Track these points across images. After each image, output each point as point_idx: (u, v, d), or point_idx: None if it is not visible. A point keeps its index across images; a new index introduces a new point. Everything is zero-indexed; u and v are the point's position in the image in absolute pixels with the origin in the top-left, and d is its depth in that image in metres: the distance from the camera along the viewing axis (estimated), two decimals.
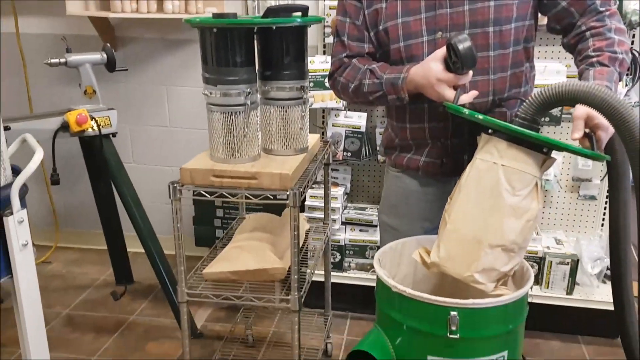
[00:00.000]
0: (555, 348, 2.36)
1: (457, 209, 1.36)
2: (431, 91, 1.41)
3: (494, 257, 1.32)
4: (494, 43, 1.46)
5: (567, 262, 2.30)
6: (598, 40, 1.41)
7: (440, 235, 1.39)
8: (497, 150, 1.32)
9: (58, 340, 2.35)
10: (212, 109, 1.54)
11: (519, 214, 1.31)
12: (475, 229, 1.32)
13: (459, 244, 1.34)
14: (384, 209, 1.77)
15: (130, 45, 2.86)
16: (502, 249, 1.31)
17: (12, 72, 2.87)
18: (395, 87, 1.47)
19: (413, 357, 1.35)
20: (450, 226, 1.36)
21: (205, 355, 2.26)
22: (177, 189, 1.54)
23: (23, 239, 1.33)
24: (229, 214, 2.67)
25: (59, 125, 2.17)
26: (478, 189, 1.34)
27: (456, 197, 1.38)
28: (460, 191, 1.37)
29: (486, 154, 1.34)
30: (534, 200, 1.32)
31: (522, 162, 1.30)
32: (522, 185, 1.30)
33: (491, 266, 1.32)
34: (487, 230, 1.31)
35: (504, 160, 1.31)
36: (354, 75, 1.54)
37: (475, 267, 1.31)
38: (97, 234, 2.83)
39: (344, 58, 1.57)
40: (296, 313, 1.61)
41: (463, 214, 1.35)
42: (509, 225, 1.31)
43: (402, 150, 1.65)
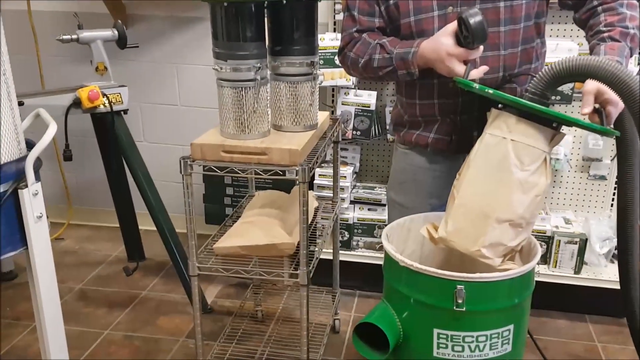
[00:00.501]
0: (562, 326, 2.37)
1: (465, 184, 1.37)
2: (441, 66, 1.41)
3: (502, 231, 1.32)
4: (505, 18, 1.45)
5: (575, 242, 2.30)
6: (609, 15, 1.41)
7: (448, 211, 1.40)
8: (507, 125, 1.32)
9: (72, 314, 2.40)
10: (222, 84, 1.55)
11: (527, 189, 1.31)
12: (484, 204, 1.33)
13: (466, 218, 1.35)
14: (392, 186, 1.78)
15: (141, 22, 2.86)
16: (509, 223, 1.32)
17: (25, 48, 2.89)
18: (405, 62, 1.47)
19: (419, 330, 1.37)
20: (458, 201, 1.37)
21: (216, 329, 2.30)
22: (188, 164, 1.56)
23: (38, 211, 1.36)
24: (239, 192, 2.69)
25: (71, 101, 2.19)
26: (487, 164, 1.34)
27: (465, 173, 1.38)
28: (469, 166, 1.37)
29: (495, 129, 1.34)
30: (543, 175, 1.33)
31: (532, 137, 1.30)
32: (531, 160, 1.31)
33: (498, 241, 1.33)
34: (495, 204, 1.32)
35: (513, 135, 1.31)
36: (364, 50, 1.54)
37: (483, 242, 1.32)
38: (109, 211, 2.87)
39: (354, 33, 1.57)
40: (305, 287, 1.63)
41: (471, 189, 1.35)
42: (517, 200, 1.31)
43: (411, 127, 1.65)
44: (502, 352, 1.35)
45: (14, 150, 1.33)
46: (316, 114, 1.72)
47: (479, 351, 1.33)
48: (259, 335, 2.18)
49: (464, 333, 1.32)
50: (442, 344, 1.33)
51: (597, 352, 2.23)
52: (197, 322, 1.74)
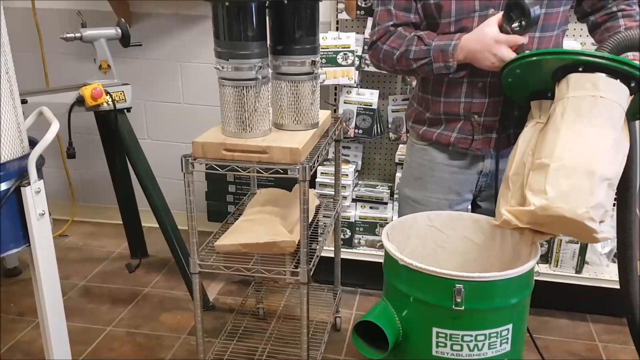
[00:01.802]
0: (563, 326, 2.38)
1: (560, 145, 1.26)
2: (487, 55, 1.41)
3: (604, 192, 1.22)
4: (542, 25, 1.47)
5: (576, 241, 2.30)
6: (629, 21, 1.43)
7: (536, 180, 1.27)
8: (593, 84, 1.28)
9: (75, 310, 2.42)
10: (223, 83, 1.56)
11: (618, 148, 1.25)
12: (587, 161, 1.22)
13: (570, 179, 1.23)
14: (407, 182, 1.76)
15: (145, 21, 2.87)
16: (608, 183, 1.24)
17: (29, 46, 2.90)
18: (444, 54, 1.46)
19: (419, 328, 1.37)
20: (555, 164, 1.25)
21: (217, 326, 2.31)
22: (190, 162, 1.57)
23: (40, 209, 1.37)
24: (241, 190, 2.70)
25: (75, 99, 2.20)
26: (580, 121, 1.26)
27: (552, 137, 1.29)
28: (558, 128, 1.28)
29: (580, 90, 1.28)
30: (626, 137, 1.28)
31: (617, 95, 1.27)
32: (619, 118, 1.26)
33: (602, 202, 1.22)
34: (598, 160, 1.22)
35: (601, 92, 1.26)
36: (400, 42, 1.53)
37: (590, 202, 1.20)
38: (112, 208, 2.89)
39: (389, 26, 1.56)
40: (305, 285, 1.64)
41: (569, 148, 1.25)
42: (614, 157, 1.24)
43: (432, 124, 1.64)
44: (500, 351, 1.36)
45: (17, 148, 1.34)
46: (317, 112, 1.73)
47: (478, 350, 1.33)
48: (260, 333, 2.19)
49: (462, 332, 1.32)
50: (441, 342, 1.34)
51: (598, 352, 2.23)
52: (199, 319, 1.75)
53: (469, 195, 1.69)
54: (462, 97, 1.56)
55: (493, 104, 1.54)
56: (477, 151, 1.60)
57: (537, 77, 1.39)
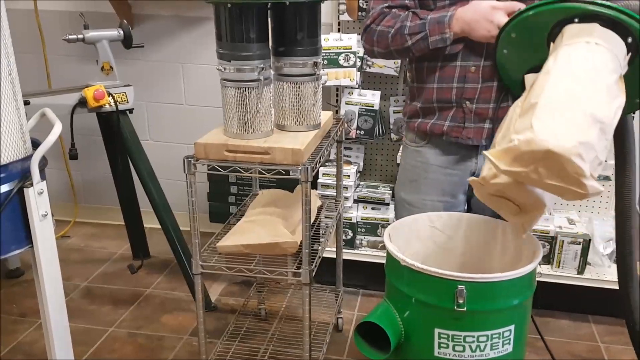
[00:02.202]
0: (565, 327, 2.38)
1: (550, 85, 1.17)
2: (483, 23, 1.41)
3: (596, 134, 1.10)
4: None
5: (578, 242, 2.30)
6: None
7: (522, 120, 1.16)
8: (588, 33, 1.24)
9: (77, 311, 2.42)
10: (225, 84, 1.56)
11: (613, 96, 1.18)
12: (577, 97, 1.14)
13: (557, 114, 1.12)
14: (402, 185, 1.76)
15: (147, 22, 2.88)
16: (600, 127, 1.12)
17: (31, 48, 2.91)
18: (440, 25, 1.46)
19: (421, 329, 1.38)
20: (543, 101, 1.14)
21: (219, 327, 2.31)
22: (192, 164, 1.57)
23: (43, 210, 1.37)
24: (243, 191, 2.71)
25: (77, 100, 2.21)
26: (573, 65, 1.21)
27: (543, 80, 1.21)
28: (549, 72, 1.21)
29: (574, 39, 1.25)
30: (622, 90, 1.22)
31: (613, 43, 1.24)
32: (613, 67, 1.21)
33: (592, 143, 1.09)
34: (589, 97, 1.13)
35: (596, 39, 1.22)
36: (395, 21, 1.53)
37: (581, 136, 1.08)
38: (114, 209, 2.89)
39: (384, 8, 1.56)
40: (307, 286, 1.64)
41: (561, 87, 1.17)
42: (608, 102, 1.15)
43: (425, 115, 1.63)
44: (503, 352, 1.36)
45: (20, 150, 1.34)
46: (319, 113, 1.73)
47: (480, 351, 1.33)
48: (262, 334, 2.19)
49: (464, 333, 1.32)
50: (443, 343, 1.34)
51: (600, 353, 2.23)
52: (201, 320, 1.75)
53: (462, 197, 1.69)
54: (455, 82, 1.55)
55: (486, 90, 1.53)
56: (468, 140, 1.58)
57: (532, 42, 1.35)
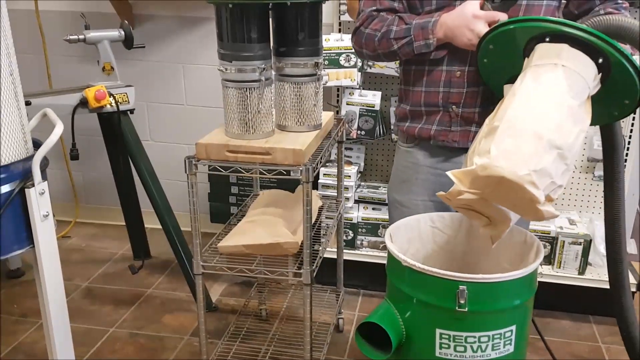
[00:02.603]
0: (566, 327, 2.37)
1: (512, 109, 1.21)
2: (464, 31, 1.42)
3: (551, 159, 1.15)
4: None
5: (579, 242, 2.30)
6: None
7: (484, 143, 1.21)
8: (557, 54, 1.26)
9: (78, 311, 2.42)
10: (227, 85, 1.56)
11: (576, 120, 1.20)
12: (536, 124, 1.17)
13: (515, 140, 1.17)
14: (393, 186, 1.78)
15: (148, 23, 2.88)
16: (558, 153, 1.17)
17: (32, 48, 2.91)
18: (424, 31, 1.48)
19: (422, 330, 1.37)
20: (504, 125, 1.19)
21: (220, 327, 2.31)
22: (193, 164, 1.57)
23: (44, 210, 1.38)
24: (244, 191, 2.71)
25: (78, 101, 2.21)
26: (537, 89, 1.24)
27: (507, 103, 1.25)
28: (514, 93, 1.25)
29: (544, 59, 1.27)
30: (588, 113, 1.24)
31: (581, 65, 1.25)
32: (580, 90, 1.23)
33: (547, 170, 1.15)
34: (548, 125, 1.17)
35: (564, 61, 1.24)
36: (382, 24, 1.55)
37: (535, 164, 1.13)
38: (115, 210, 2.89)
39: (372, 12, 1.58)
40: (308, 286, 1.64)
41: (521, 111, 1.21)
42: (568, 127, 1.18)
43: (413, 119, 1.65)
44: (504, 352, 1.35)
45: (21, 150, 1.35)
46: (320, 114, 1.73)
47: (481, 351, 1.33)
48: (263, 334, 2.19)
49: (466, 333, 1.32)
50: (445, 344, 1.34)
51: (601, 353, 2.22)
52: (202, 321, 1.75)
53: None
54: (441, 86, 1.57)
55: (472, 95, 1.54)
56: (455, 143, 1.60)
57: (509, 55, 1.36)
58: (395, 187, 1.76)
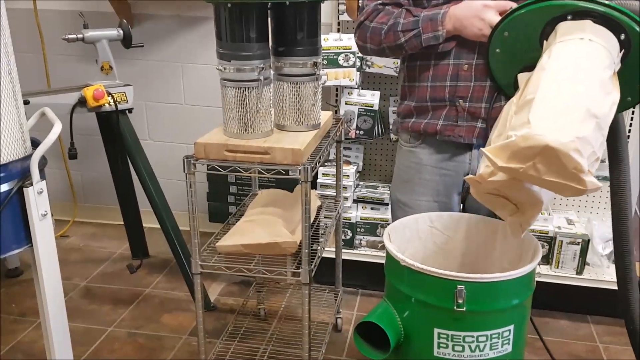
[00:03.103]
0: (564, 327, 2.38)
1: (544, 82, 1.17)
2: (474, 21, 1.41)
3: (592, 128, 1.09)
4: None
5: (577, 242, 2.30)
6: None
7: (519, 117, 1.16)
8: (581, 29, 1.24)
9: (76, 311, 2.42)
10: (225, 84, 1.56)
11: (607, 92, 1.17)
12: (572, 94, 1.13)
13: (555, 108, 1.12)
14: (396, 186, 1.76)
15: (146, 22, 2.88)
16: (597, 123, 1.11)
17: (31, 47, 2.91)
18: (433, 22, 1.47)
19: (420, 329, 1.38)
20: (539, 97, 1.14)
21: (218, 327, 2.31)
22: (192, 163, 1.57)
23: (42, 209, 1.37)
24: (242, 191, 2.71)
25: (77, 100, 2.21)
26: (567, 62, 1.20)
27: (537, 77, 1.21)
28: (543, 68, 1.21)
29: (567, 36, 1.24)
30: (616, 86, 1.22)
31: (606, 42, 1.23)
32: (608, 63, 1.21)
33: (589, 138, 1.08)
34: (585, 93, 1.13)
35: (590, 35, 1.22)
36: (388, 17, 1.54)
37: (578, 131, 1.07)
38: (114, 209, 2.89)
39: (378, 5, 1.57)
40: (307, 286, 1.64)
41: (554, 84, 1.17)
42: (602, 97, 1.15)
43: (419, 114, 1.63)
44: (502, 352, 1.36)
45: (19, 149, 1.34)
46: (319, 113, 1.73)
47: (479, 351, 1.33)
48: (262, 333, 2.19)
49: (464, 333, 1.32)
50: (443, 343, 1.34)
51: (599, 353, 2.23)
52: (200, 320, 1.75)
53: (457, 197, 1.69)
54: (448, 80, 1.55)
55: (479, 89, 1.53)
56: (460, 138, 1.58)
57: (525, 41, 1.34)
58: (398, 188, 1.75)
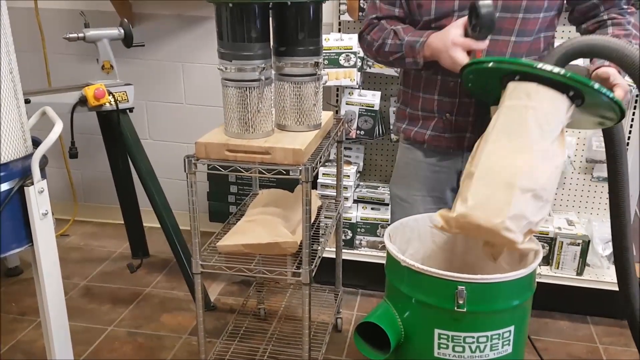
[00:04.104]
0: (564, 328, 2.38)
1: (485, 156, 1.31)
2: (445, 56, 1.43)
3: (525, 202, 1.26)
4: (518, 29, 1.48)
5: (578, 243, 2.30)
6: (617, 29, 1.45)
7: (464, 188, 1.34)
8: (526, 94, 1.29)
9: (76, 310, 2.42)
10: (226, 84, 1.56)
11: (548, 158, 1.27)
12: (506, 173, 1.27)
13: (488, 189, 1.28)
14: (394, 182, 1.82)
15: (147, 21, 2.88)
16: (532, 194, 1.26)
17: (31, 47, 2.91)
18: (413, 50, 1.51)
19: (421, 330, 1.38)
20: (477, 174, 1.30)
21: (219, 327, 2.31)
22: (192, 163, 1.57)
23: (43, 209, 1.37)
24: (243, 190, 2.71)
25: (77, 99, 2.21)
26: (508, 132, 1.30)
27: (482, 147, 1.34)
28: (487, 140, 1.33)
29: (514, 100, 1.31)
30: (561, 146, 1.30)
31: (551, 104, 1.28)
32: (551, 129, 1.28)
33: (522, 213, 1.26)
34: (518, 172, 1.26)
35: (533, 103, 1.28)
36: (380, 35, 1.59)
37: (507, 212, 1.25)
38: (114, 208, 2.89)
39: (373, 19, 1.62)
40: (307, 286, 1.64)
41: (492, 159, 1.30)
42: (539, 169, 1.27)
43: (411, 122, 1.69)
44: (502, 353, 1.36)
45: (20, 148, 1.34)
46: (320, 113, 1.73)
47: (480, 352, 1.33)
48: (262, 333, 2.19)
49: (464, 334, 1.32)
50: (443, 344, 1.34)
51: (599, 354, 2.23)
52: (200, 320, 1.75)
53: (450, 194, 1.73)
54: (436, 94, 1.60)
55: (464, 105, 1.57)
56: (449, 149, 1.64)
57: (489, 84, 1.41)
58: (396, 182, 1.81)
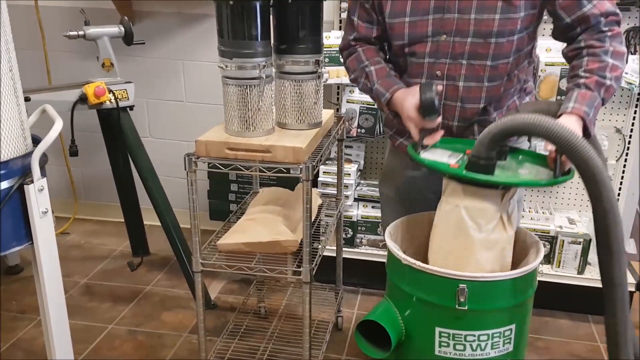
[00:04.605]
0: (564, 326, 2.37)
1: (433, 251, 1.45)
2: (404, 122, 1.51)
3: None
4: (493, 54, 1.46)
5: (579, 242, 2.30)
6: (592, 61, 1.39)
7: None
8: (457, 193, 1.37)
9: (76, 308, 2.41)
10: (227, 82, 1.56)
11: (491, 246, 1.36)
12: (452, 265, 1.36)
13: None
14: (383, 180, 1.86)
15: (148, 19, 2.87)
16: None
17: (31, 44, 2.90)
18: (379, 101, 1.57)
19: (422, 328, 1.38)
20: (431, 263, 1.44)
21: (219, 325, 2.31)
22: (193, 161, 1.56)
23: (43, 207, 1.37)
24: (243, 189, 2.70)
25: (77, 97, 2.20)
26: (447, 229, 1.39)
27: (432, 236, 1.46)
28: (434, 231, 1.44)
29: (450, 197, 1.40)
30: (502, 231, 1.37)
31: (482, 201, 1.34)
32: (487, 221, 1.34)
33: None
34: (463, 266, 1.36)
35: (465, 202, 1.35)
36: (355, 67, 1.62)
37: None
38: (114, 206, 2.89)
39: (351, 41, 1.63)
40: (307, 284, 1.64)
41: (439, 254, 1.42)
42: (483, 259, 1.36)
43: (397, 132, 1.72)
44: (503, 351, 1.36)
45: (20, 146, 1.34)
46: (320, 112, 1.73)
47: (481, 350, 1.33)
48: (262, 332, 2.19)
49: (465, 332, 1.32)
50: (444, 342, 1.34)
51: (600, 353, 2.22)
52: (200, 318, 1.75)
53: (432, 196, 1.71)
54: None
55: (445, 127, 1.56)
56: None
57: None
58: (384, 181, 1.86)
